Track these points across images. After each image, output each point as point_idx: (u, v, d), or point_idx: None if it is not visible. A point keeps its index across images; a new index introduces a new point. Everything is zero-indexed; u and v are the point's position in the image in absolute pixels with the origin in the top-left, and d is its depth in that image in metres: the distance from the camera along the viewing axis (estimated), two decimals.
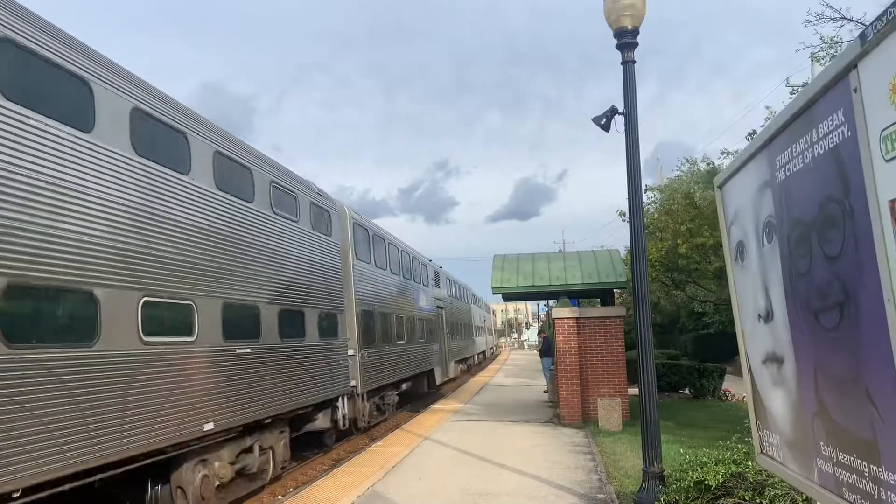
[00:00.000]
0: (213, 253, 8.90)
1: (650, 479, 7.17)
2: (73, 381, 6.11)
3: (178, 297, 7.95)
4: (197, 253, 8.50)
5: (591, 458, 10.81)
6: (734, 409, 16.63)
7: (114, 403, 6.62)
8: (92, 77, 6.88)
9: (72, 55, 6.65)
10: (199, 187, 8.76)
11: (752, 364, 3.27)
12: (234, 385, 9.03)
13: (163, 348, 7.54)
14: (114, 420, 6.60)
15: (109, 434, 6.52)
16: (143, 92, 7.85)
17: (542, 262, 16.24)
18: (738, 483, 6.29)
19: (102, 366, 6.53)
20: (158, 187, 7.83)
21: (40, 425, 5.70)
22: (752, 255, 3.06)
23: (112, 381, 6.63)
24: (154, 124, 7.97)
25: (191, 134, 8.72)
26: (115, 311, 6.76)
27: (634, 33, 7.57)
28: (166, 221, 7.90)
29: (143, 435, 7.03)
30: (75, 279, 6.26)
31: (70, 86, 6.62)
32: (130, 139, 7.39)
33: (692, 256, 13.04)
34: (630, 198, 7.55)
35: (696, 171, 18.98)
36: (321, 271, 12.73)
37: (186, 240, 8.31)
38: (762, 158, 2.81)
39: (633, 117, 7.58)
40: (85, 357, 6.33)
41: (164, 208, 7.90)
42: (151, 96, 8.02)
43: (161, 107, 8.15)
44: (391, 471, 10.19)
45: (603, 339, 14.69)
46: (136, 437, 6.92)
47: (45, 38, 6.29)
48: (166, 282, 7.74)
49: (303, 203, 12.16)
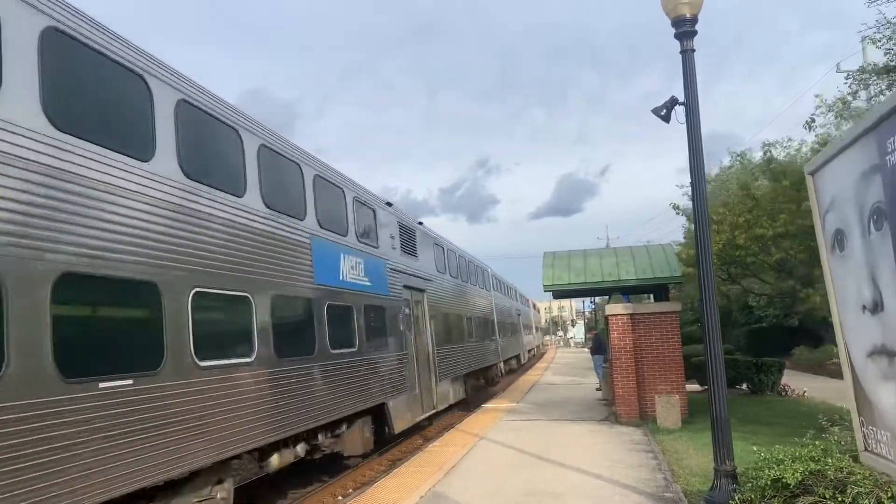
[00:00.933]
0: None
1: (722, 478, 6.97)
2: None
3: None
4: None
5: (652, 457, 10.61)
6: (795, 405, 16.22)
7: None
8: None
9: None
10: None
11: (855, 357, 3.12)
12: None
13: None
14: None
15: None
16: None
17: (594, 258, 16.03)
18: (818, 481, 6.06)
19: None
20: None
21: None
22: (854, 244, 2.92)
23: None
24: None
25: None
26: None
27: (693, 21, 7.38)
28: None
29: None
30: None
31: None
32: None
33: (751, 248, 12.71)
34: (694, 191, 7.35)
35: (747, 163, 18.53)
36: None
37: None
38: (868, 142, 2.67)
39: (694, 107, 7.39)
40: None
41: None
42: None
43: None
44: (450, 471, 10.15)
45: (659, 336, 14.43)
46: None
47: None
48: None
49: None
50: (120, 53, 6.75)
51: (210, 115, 8.28)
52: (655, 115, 7.64)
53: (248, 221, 8.71)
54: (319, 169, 11.27)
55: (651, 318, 14.57)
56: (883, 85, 15.28)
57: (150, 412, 6.31)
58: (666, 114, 7.60)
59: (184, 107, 7.68)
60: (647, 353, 14.48)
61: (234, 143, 8.78)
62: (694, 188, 7.40)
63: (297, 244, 9.98)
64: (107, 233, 6.13)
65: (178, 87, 7.67)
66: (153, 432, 6.33)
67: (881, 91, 15.60)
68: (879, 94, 15.76)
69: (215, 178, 8.13)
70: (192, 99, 7.90)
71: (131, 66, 6.89)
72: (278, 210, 9.56)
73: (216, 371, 7.51)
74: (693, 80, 7.42)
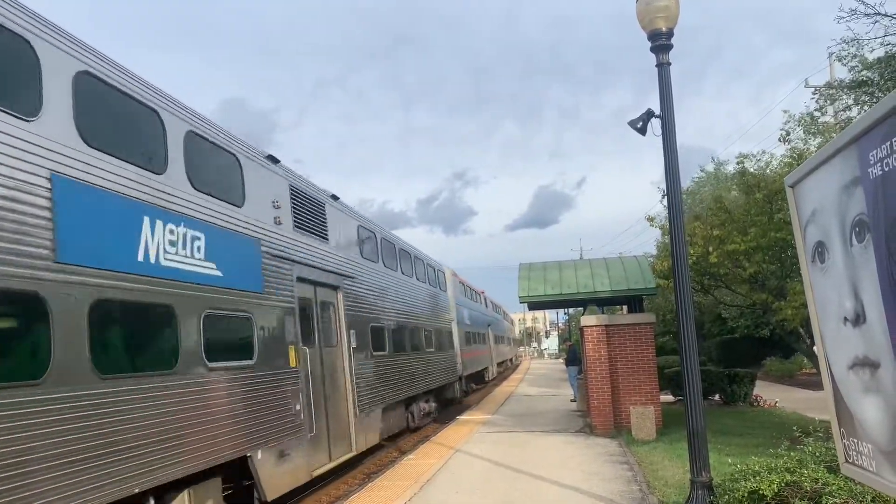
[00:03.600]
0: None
1: (698, 489, 6.99)
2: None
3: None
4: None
5: (628, 468, 10.61)
6: (767, 415, 16.37)
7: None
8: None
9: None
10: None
11: (835, 370, 3.13)
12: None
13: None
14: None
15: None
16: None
17: (569, 269, 16.09)
18: (794, 492, 6.10)
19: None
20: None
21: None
22: (835, 256, 2.93)
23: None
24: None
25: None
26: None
27: (669, 35, 7.47)
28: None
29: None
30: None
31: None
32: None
33: (724, 264, 12.83)
34: (670, 202, 7.42)
35: (720, 175, 18.76)
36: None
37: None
38: (850, 154, 2.69)
39: (669, 120, 7.46)
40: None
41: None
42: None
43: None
44: (427, 484, 10.05)
45: (633, 347, 14.50)
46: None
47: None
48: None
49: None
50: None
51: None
52: (632, 127, 7.70)
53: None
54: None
55: (625, 329, 14.63)
56: (849, 100, 15.60)
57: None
58: (642, 126, 7.67)
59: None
60: (622, 365, 14.52)
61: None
62: (670, 200, 7.45)
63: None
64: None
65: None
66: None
67: (847, 106, 15.94)
68: (846, 109, 16.10)
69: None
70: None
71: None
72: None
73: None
74: (669, 93, 7.50)
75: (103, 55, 6.97)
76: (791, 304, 11.72)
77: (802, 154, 12.47)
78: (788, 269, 12.82)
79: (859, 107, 15.20)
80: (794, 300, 11.57)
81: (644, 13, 7.47)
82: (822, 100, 16.99)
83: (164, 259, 7.24)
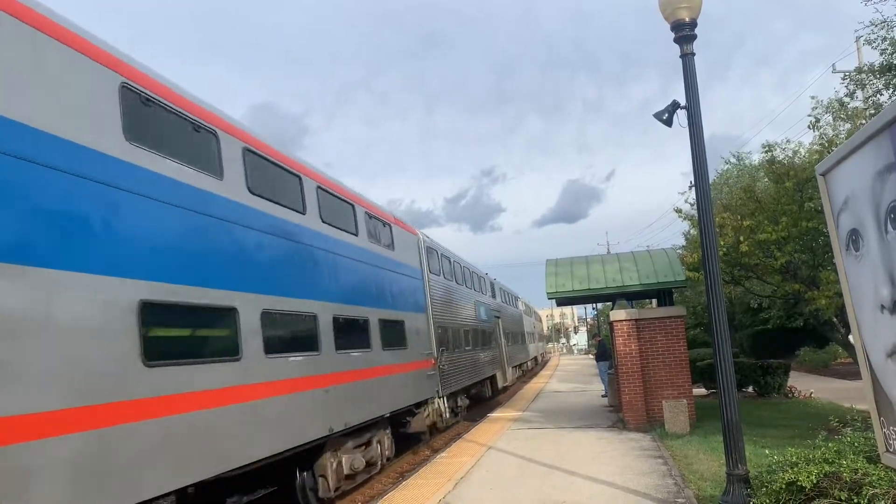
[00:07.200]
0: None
1: (735, 482, 6.93)
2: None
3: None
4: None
5: (662, 462, 10.56)
6: (802, 406, 16.16)
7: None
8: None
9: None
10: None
11: (873, 358, 3.10)
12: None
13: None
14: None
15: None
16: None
17: (597, 264, 16.00)
18: (833, 483, 6.02)
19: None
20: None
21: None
22: (870, 243, 2.90)
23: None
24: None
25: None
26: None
27: (692, 25, 7.41)
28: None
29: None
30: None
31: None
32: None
33: (755, 254, 12.67)
34: (698, 193, 7.36)
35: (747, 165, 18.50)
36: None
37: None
38: (882, 140, 2.66)
39: (695, 111, 7.40)
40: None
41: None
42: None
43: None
44: (460, 482, 10.09)
45: (664, 340, 14.39)
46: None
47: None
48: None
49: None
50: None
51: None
52: (658, 119, 7.65)
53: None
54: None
55: (656, 322, 14.53)
56: (880, 84, 15.29)
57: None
58: (668, 118, 7.62)
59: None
60: (653, 359, 14.43)
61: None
62: (698, 191, 7.40)
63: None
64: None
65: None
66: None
67: (878, 90, 15.62)
68: (876, 94, 15.78)
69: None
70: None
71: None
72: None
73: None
74: (694, 84, 7.44)
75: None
76: (825, 294, 11.53)
77: (832, 141, 12.24)
78: (820, 258, 12.62)
79: (890, 91, 14.90)
80: (828, 289, 11.39)
81: (666, 4, 7.42)
82: (851, 85, 16.65)
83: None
